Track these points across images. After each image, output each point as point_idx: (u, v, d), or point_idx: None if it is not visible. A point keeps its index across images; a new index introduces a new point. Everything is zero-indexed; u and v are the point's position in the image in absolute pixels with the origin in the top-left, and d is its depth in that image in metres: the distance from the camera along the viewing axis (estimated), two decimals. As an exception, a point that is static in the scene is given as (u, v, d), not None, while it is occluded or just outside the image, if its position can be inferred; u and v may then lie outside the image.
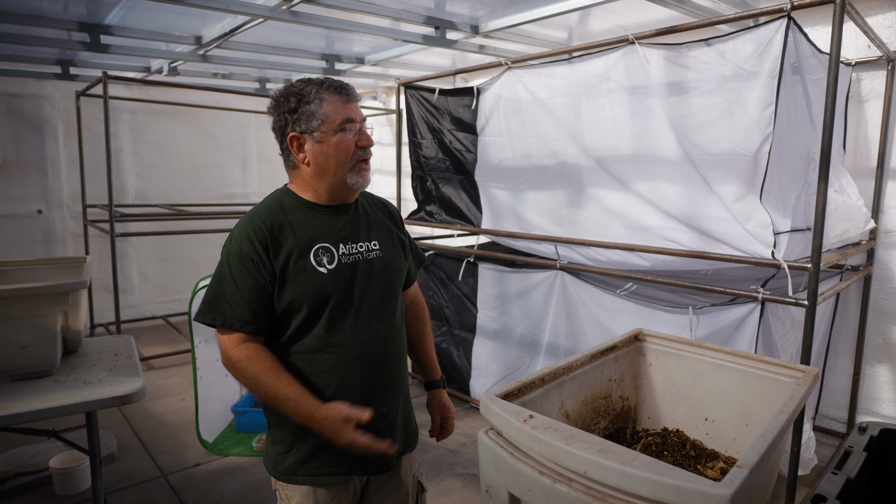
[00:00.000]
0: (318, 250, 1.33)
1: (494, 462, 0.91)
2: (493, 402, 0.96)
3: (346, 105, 1.34)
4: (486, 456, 0.94)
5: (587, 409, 1.25)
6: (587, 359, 1.27)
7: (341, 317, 1.35)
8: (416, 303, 1.60)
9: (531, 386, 1.08)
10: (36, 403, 1.84)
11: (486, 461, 0.94)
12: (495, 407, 0.95)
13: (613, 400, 1.35)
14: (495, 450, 0.91)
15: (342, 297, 1.34)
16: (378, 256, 1.39)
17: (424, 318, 1.60)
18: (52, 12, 3.21)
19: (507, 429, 0.90)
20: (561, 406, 1.16)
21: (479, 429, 1.46)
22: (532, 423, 0.87)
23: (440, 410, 1.55)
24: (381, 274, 1.39)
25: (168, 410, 3.65)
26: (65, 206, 5.16)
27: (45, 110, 4.98)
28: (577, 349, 3.06)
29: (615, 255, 2.91)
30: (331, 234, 1.36)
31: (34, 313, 1.98)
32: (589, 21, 3.69)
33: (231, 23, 3.28)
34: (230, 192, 6.09)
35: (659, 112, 2.61)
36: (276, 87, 5.58)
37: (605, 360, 1.32)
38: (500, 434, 0.95)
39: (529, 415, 0.90)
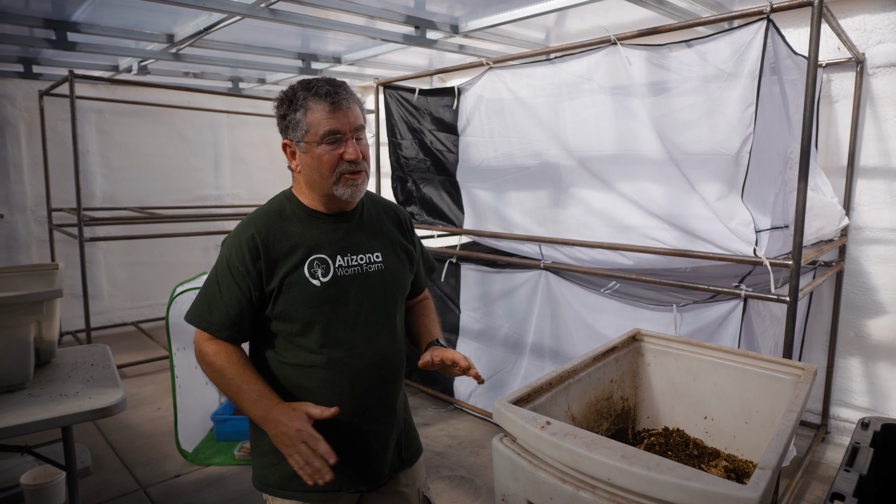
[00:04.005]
0: (313, 262, 1.29)
1: (511, 470, 0.90)
2: (507, 409, 0.94)
3: (332, 115, 1.26)
4: (502, 464, 0.92)
5: (591, 411, 1.25)
6: (590, 361, 1.27)
7: (336, 332, 1.31)
8: (424, 298, 1.56)
9: (539, 390, 1.07)
10: (10, 419, 1.75)
11: (501, 469, 0.93)
12: (510, 414, 0.93)
13: (615, 401, 1.35)
14: (512, 457, 0.90)
15: (336, 312, 1.30)
16: (379, 269, 1.33)
17: (431, 308, 1.54)
18: (14, 8, 3.07)
19: (524, 436, 0.89)
20: (568, 409, 1.15)
21: (464, 430, 1.45)
22: (550, 430, 0.86)
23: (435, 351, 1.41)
24: (380, 288, 1.33)
25: (144, 420, 3.53)
26: (28, 210, 4.95)
27: (5, 110, 4.77)
28: (562, 349, 3.07)
29: (599, 255, 2.93)
30: (329, 244, 1.32)
31: (6, 324, 1.88)
32: (566, 21, 3.71)
33: (206, 20, 3.20)
34: (202, 194, 5.94)
35: (641, 112, 2.64)
36: (249, 86, 5.47)
37: (607, 361, 1.32)
38: (514, 441, 0.94)
39: (546, 421, 0.89)
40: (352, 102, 1.29)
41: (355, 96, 1.32)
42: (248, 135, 6.17)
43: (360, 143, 1.30)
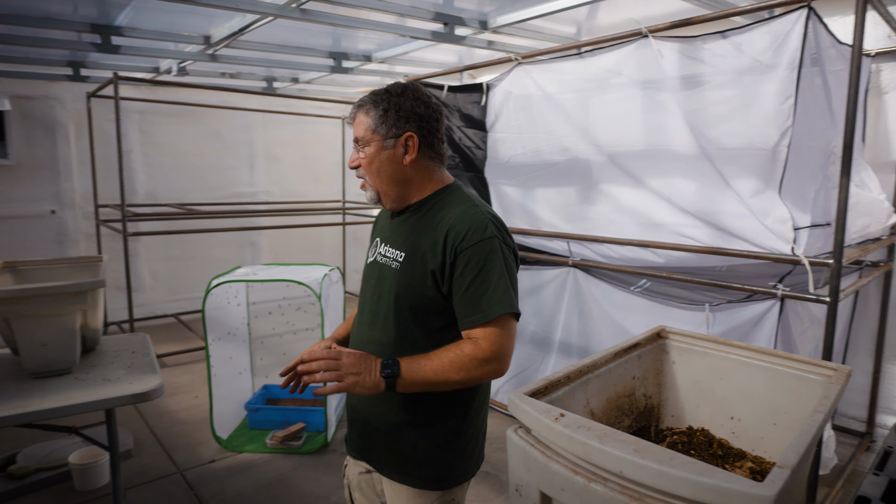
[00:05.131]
0: (373, 243, 1.46)
1: (524, 460, 0.90)
2: (521, 401, 0.95)
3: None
4: (516, 454, 0.93)
5: (611, 407, 1.24)
6: (611, 356, 1.26)
7: (361, 305, 1.46)
8: (462, 340, 1.26)
9: (557, 384, 1.07)
10: (58, 401, 1.85)
11: (515, 459, 0.93)
12: (524, 405, 0.94)
13: (637, 398, 1.34)
14: (525, 448, 0.90)
15: (364, 290, 1.45)
16: (395, 269, 1.33)
17: (445, 350, 1.24)
18: (63, 14, 3.22)
19: (537, 427, 0.89)
20: (587, 404, 1.15)
21: (490, 426, 1.45)
22: (564, 422, 0.87)
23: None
24: (391, 287, 1.33)
25: (181, 408, 3.66)
26: (77, 207, 5.19)
27: (55, 112, 5.01)
28: (590, 347, 3.04)
29: (628, 252, 2.89)
30: (383, 232, 1.44)
31: (54, 312, 1.99)
32: (598, 15, 3.65)
33: (240, 22, 3.28)
34: (237, 191, 6.10)
35: (672, 106, 2.58)
36: (283, 86, 5.58)
37: (629, 357, 1.31)
38: (528, 432, 0.94)
39: (560, 413, 0.89)
40: (357, 114, 1.35)
41: (366, 106, 1.33)
42: (280, 133, 6.30)
43: (360, 153, 1.34)
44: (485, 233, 1.25)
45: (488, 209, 1.33)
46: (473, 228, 1.25)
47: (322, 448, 3.12)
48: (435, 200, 1.35)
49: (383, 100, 1.32)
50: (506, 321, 1.22)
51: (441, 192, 1.36)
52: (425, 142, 1.34)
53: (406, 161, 1.32)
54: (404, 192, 1.36)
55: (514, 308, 1.23)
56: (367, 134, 1.33)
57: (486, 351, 1.19)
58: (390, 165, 1.33)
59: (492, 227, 1.26)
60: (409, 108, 1.31)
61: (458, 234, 1.25)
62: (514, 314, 1.24)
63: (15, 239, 4.91)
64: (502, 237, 1.28)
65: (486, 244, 1.24)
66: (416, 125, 1.32)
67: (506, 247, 1.28)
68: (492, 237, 1.25)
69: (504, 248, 1.27)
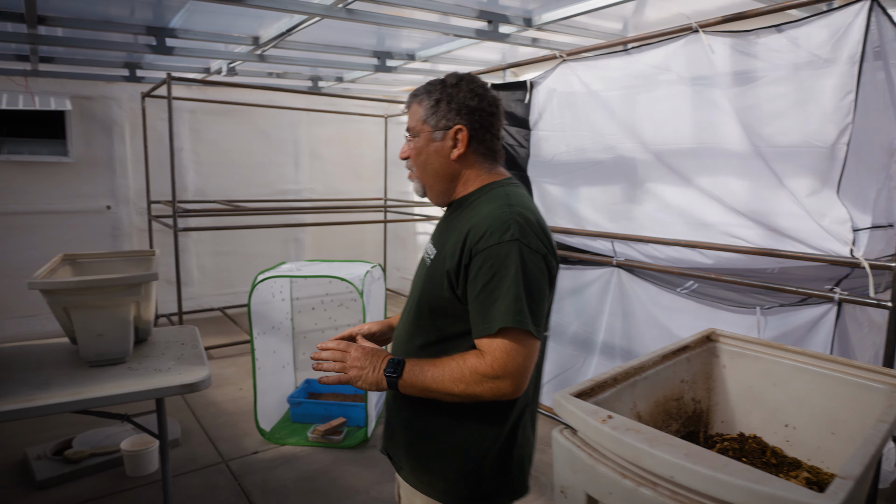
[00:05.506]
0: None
1: (570, 462, 0.89)
2: (567, 401, 0.94)
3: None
4: (562, 455, 0.92)
5: (659, 410, 1.21)
6: (659, 359, 1.23)
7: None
8: (471, 353, 1.16)
9: (604, 385, 1.05)
10: (113, 389, 1.93)
11: (561, 461, 0.92)
12: (571, 406, 0.92)
13: (685, 402, 1.30)
14: (572, 450, 0.89)
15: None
16: (426, 266, 1.31)
17: (451, 357, 1.17)
18: (121, 17, 3.36)
19: (584, 429, 0.88)
20: (633, 406, 1.12)
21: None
22: (612, 424, 0.85)
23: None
24: (419, 285, 1.31)
25: (226, 399, 3.78)
26: (130, 203, 5.42)
27: (112, 111, 5.24)
28: (634, 349, 2.98)
29: (674, 252, 2.81)
30: (436, 227, 1.40)
31: (110, 303, 2.08)
32: (645, 11, 3.57)
33: (288, 22, 3.35)
34: (282, 188, 6.24)
35: (724, 103, 2.50)
36: (327, 85, 5.67)
37: (678, 360, 1.27)
38: (574, 433, 0.93)
39: (608, 415, 0.88)
40: (413, 103, 1.32)
41: (420, 96, 1.30)
42: (324, 132, 6.41)
43: (410, 143, 1.32)
44: (503, 235, 1.13)
45: (522, 209, 1.19)
46: (493, 229, 1.14)
47: (362, 443, 3.16)
48: (475, 197, 1.28)
49: (436, 90, 1.27)
50: (515, 336, 1.09)
51: (484, 189, 1.28)
52: (476, 136, 1.27)
53: (453, 155, 1.27)
54: (449, 188, 1.31)
55: (519, 323, 1.08)
56: (418, 124, 1.30)
57: (488, 366, 1.10)
58: (437, 158, 1.28)
59: (514, 230, 1.13)
60: (461, 100, 1.25)
61: (476, 235, 1.16)
62: (522, 330, 1.09)
63: (73, 233, 5.16)
64: (526, 241, 1.13)
65: (502, 248, 1.12)
66: (468, 118, 1.25)
67: (530, 252, 1.14)
68: (511, 241, 1.12)
69: (526, 254, 1.13)
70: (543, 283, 1.16)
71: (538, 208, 1.29)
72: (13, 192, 4.89)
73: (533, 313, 1.11)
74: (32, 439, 3.08)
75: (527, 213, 1.19)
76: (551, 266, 1.20)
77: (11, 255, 4.91)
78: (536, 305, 1.12)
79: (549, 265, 1.19)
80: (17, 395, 1.87)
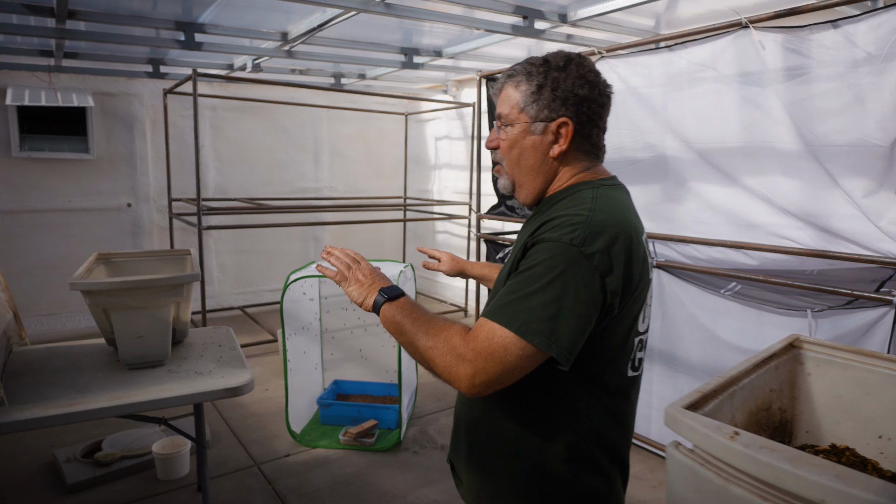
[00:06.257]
0: None
1: (693, 481, 0.83)
2: (684, 415, 0.88)
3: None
4: (681, 473, 0.86)
5: (752, 421, 1.15)
6: (752, 367, 1.17)
7: None
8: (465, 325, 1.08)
9: (707, 397, 0.99)
10: (156, 393, 1.89)
11: (679, 479, 0.86)
12: (690, 421, 0.86)
13: (773, 412, 1.24)
14: (695, 468, 0.83)
15: None
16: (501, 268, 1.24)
17: (449, 322, 1.06)
18: (149, 11, 3.31)
19: (709, 446, 0.82)
20: (732, 418, 1.06)
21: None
22: (742, 441, 0.79)
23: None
24: (494, 287, 1.23)
25: (253, 400, 3.74)
26: (151, 200, 5.39)
27: (134, 108, 5.21)
28: (674, 352, 2.91)
29: (716, 253, 2.75)
30: None
31: (152, 304, 2.03)
32: (678, 7, 3.50)
33: (319, 18, 3.30)
34: (303, 186, 6.20)
35: (773, 101, 2.43)
36: (349, 81, 5.62)
37: (767, 368, 1.21)
38: (691, 450, 0.87)
39: (735, 431, 0.82)
40: (506, 85, 1.14)
41: (516, 78, 1.12)
42: (345, 129, 6.37)
43: (501, 131, 1.16)
44: (564, 235, 0.98)
45: (605, 217, 1.02)
46: (559, 226, 1.00)
47: (395, 446, 3.11)
48: (560, 198, 1.11)
49: (539, 73, 1.08)
50: (505, 337, 0.95)
51: (570, 189, 1.11)
52: (581, 131, 1.09)
53: (554, 152, 1.10)
54: (543, 187, 1.14)
55: (520, 332, 0.94)
56: (513, 112, 1.11)
57: (464, 344, 0.97)
58: (533, 154, 1.12)
59: (579, 235, 0.97)
60: (568, 88, 1.07)
61: (543, 229, 1.03)
62: (523, 340, 0.94)
63: (94, 231, 5.14)
64: (586, 251, 0.96)
65: (555, 247, 0.98)
66: (574, 109, 1.07)
67: (585, 264, 0.96)
68: (569, 245, 0.97)
69: (578, 266, 0.96)
70: (586, 304, 0.97)
71: (636, 221, 1.12)
72: (34, 189, 4.87)
73: (553, 331, 0.95)
74: (59, 441, 3.05)
75: (608, 222, 1.02)
76: (610, 290, 0.99)
77: (32, 253, 4.89)
78: (563, 323, 0.95)
79: (605, 288, 0.98)
80: (60, 398, 1.83)
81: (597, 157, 1.17)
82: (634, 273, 1.04)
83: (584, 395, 1.10)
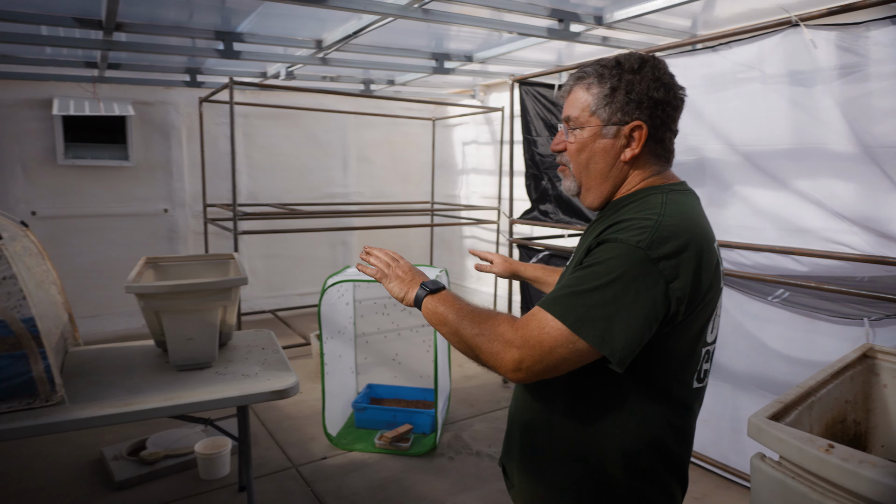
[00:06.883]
0: None
1: (783, 494, 0.81)
2: (770, 426, 0.85)
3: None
4: (768, 487, 0.83)
5: (828, 434, 1.11)
6: (828, 378, 1.13)
7: None
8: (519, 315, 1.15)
9: (788, 408, 0.96)
10: (206, 394, 1.91)
11: (767, 492, 0.84)
12: (777, 432, 0.84)
13: (848, 424, 1.20)
14: (785, 481, 0.80)
15: None
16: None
17: (496, 311, 1.07)
18: (188, 22, 3.38)
19: (801, 459, 0.79)
20: (810, 429, 1.03)
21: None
22: (839, 455, 0.76)
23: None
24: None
25: (288, 403, 3.76)
26: (186, 206, 5.49)
27: (170, 116, 5.32)
28: (718, 359, 2.84)
29: (763, 259, 2.68)
30: None
31: (201, 307, 2.06)
32: (716, 7, 3.44)
33: (354, 25, 3.32)
34: (331, 191, 6.25)
35: (826, 100, 2.37)
36: (378, 88, 5.66)
37: (843, 379, 1.17)
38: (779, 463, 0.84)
39: (829, 444, 0.79)
40: (575, 87, 1.12)
41: (587, 80, 1.10)
42: (372, 135, 6.41)
43: (570, 134, 1.14)
44: (631, 237, 0.96)
45: (675, 221, 1.00)
46: (627, 228, 0.99)
47: (430, 451, 3.10)
48: (627, 202, 1.09)
49: (613, 75, 1.06)
50: (557, 329, 0.94)
51: (639, 194, 1.09)
52: (654, 135, 1.07)
53: (625, 156, 1.08)
54: (612, 191, 1.12)
55: (573, 326, 0.93)
56: (584, 115, 1.10)
57: (512, 331, 0.97)
58: (603, 158, 1.10)
59: (647, 238, 0.96)
60: (643, 91, 1.04)
61: (610, 230, 1.01)
62: (575, 335, 0.93)
63: (131, 235, 5.26)
64: (653, 255, 0.95)
65: (620, 247, 0.96)
66: (649, 113, 1.05)
67: (650, 268, 0.95)
68: (636, 247, 0.95)
69: (642, 269, 0.94)
70: (646, 308, 0.95)
71: (708, 228, 1.08)
72: (76, 195, 5.01)
73: (607, 330, 0.94)
74: (105, 439, 3.11)
75: (679, 227, 0.99)
76: (675, 297, 0.97)
77: (75, 256, 5.02)
78: (619, 324, 0.94)
79: (670, 294, 0.96)
80: (114, 398, 1.87)
81: (667, 162, 1.15)
82: (703, 281, 1.02)
83: (645, 403, 1.07)
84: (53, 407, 1.73)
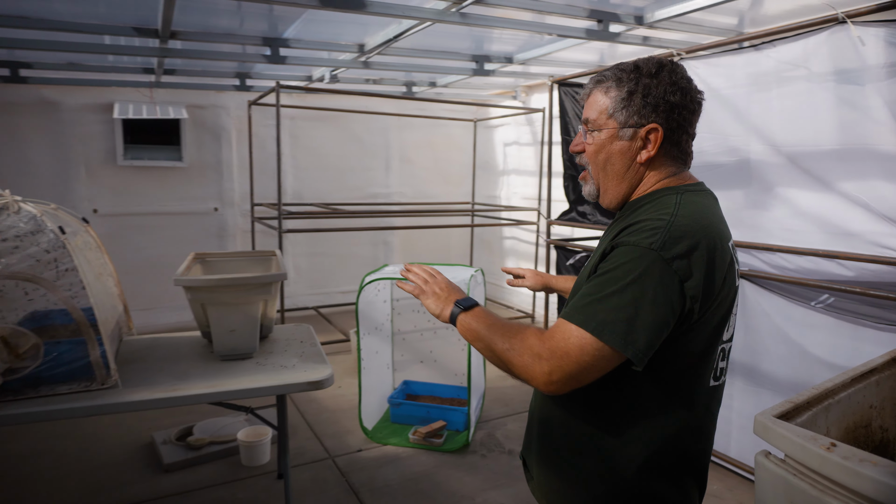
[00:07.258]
0: None
1: (785, 492, 0.81)
2: (775, 424, 0.85)
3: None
4: (771, 483, 0.84)
5: (849, 438, 1.09)
6: (849, 381, 1.11)
7: None
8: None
9: (800, 408, 0.95)
10: (247, 383, 2.02)
11: (769, 489, 0.84)
12: (781, 430, 0.84)
13: (873, 430, 1.17)
14: (787, 478, 0.81)
15: None
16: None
17: (525, 325, 1.12)
18: (238, 29, 3.55)
19: (803, 456, 0.80)
20: (826, 433, 1.02)
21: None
22: (840, 453, 0.76)
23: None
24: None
25: (327, 396, 3.88)
26: (235, 205, 5.73)
27: (221, 119, 5.57)
28: (758, 366, 2.78)
29: (807, 263, 2.59)
30: None
31: (243, 301, 2.18)
32: (764, 4, 3.34)
33: (395, 29, 3.41)
34: (373, 192, 6.39)
35: (874, 99, 2.28)
36: (420, 90, 5.75)
37: (867, 384, 1.15)
38: (783, 461, 0.85)
39: (831, 443, 0.79)
40: (595, 91, 1.16)
41: (606, 84, 1.13)
42: (414, 136, 6.51)
43: (588, 136, 1.17)
44: (644, 239, 0.99)
45: (688, 222, 1.02)
46: (639, 230, 1.02)
47: (462, 448, 3.15)
48: (643, 203, 1.11)
49: (630, 79, 1.10)
50: (581, 337, 0.97)
51: (654, 195, 1.11)
52: (671, 137, 1.10)
53: (642, 158, 1.11)
54: (628, 192, 1.15)
55: (596, 332, 0.96)
56: (601, 118, 1.13)
57: (540, 343, 1.01)
58: (620, 160, 1.13)
59: (660, 239, 0.98)
60: (660, 94, 1.07)
61: (623, 233, 1.04)
62: (599, 340, 0.96)
63: (183, 233, 5.53)
64: (666, 255, 0.97)
65: (634, 251, 0.99)
66: (665, 116, 1.08)
67: (664, 269, 0.97)
68: (649, 248, 0.98)
69: (657, 270, 0.97)
70: (664, 307, 0.98)
71: (722, 227, 1.10)
72: (133, 194, 5.31)
73: (629, 332, 0.97)
74: (155, 424, 3.30)
75: (691, 227, 1.02)
76: (690, 295, 0.99)
77: (132, 252, 5.32)
78: (639, 325, 0.97)
79: (685, 293, 0.99)
80: (163, 384, 1.99)
81: (684, 163, 1.17)
82: (717, 279, 1.04)
83: (661, 401, 1.09)
84: (108, 390, 1.87)
